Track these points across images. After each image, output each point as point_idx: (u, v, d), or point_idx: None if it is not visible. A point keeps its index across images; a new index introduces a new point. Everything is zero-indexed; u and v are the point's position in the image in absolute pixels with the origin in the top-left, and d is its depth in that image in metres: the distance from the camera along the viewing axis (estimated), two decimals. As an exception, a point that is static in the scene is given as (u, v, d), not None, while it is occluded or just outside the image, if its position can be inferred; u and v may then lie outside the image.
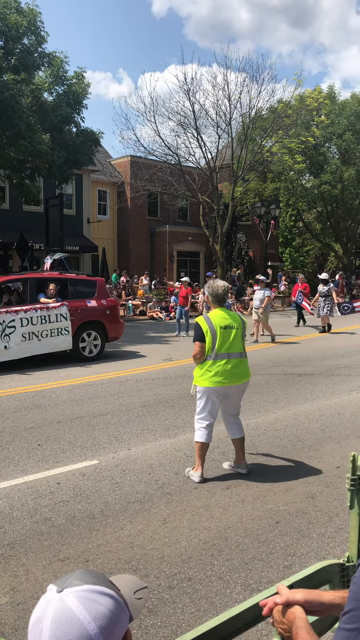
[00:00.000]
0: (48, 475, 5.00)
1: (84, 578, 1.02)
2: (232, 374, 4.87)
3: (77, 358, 11.27)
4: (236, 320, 5.01)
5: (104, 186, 31.59)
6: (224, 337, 4.87)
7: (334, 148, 32.67)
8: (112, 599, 1.01)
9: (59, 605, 0.96)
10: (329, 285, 16.64)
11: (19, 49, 17.50)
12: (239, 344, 4.96)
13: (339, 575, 2.07)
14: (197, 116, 25.09)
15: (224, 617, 1.65)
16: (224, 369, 4.84)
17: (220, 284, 5.07)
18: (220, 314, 4.99)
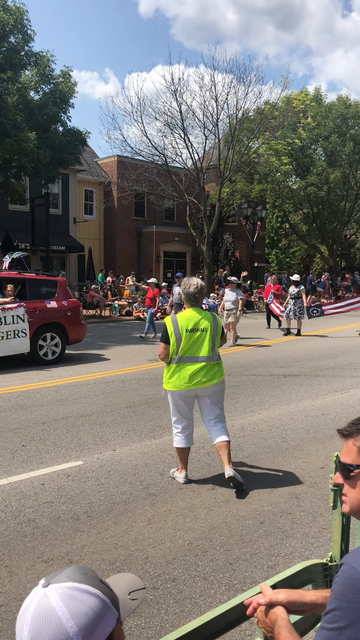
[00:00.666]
0: (32, 476, 4.97)
1: (72, 575, 1.02)
2: (197, 377, 4.70)
3: (36, 362, 10.81)
4: (207, 321, 4.76)
5: (90, 186, 31.49)
6: (190, 340, 4.69)
7: (320, 150, 32.91)
8: (96, 598, 1.00)
9: (40, 600, 0.97)
10: (300, 287, 16.27)
11: (5, 47, 17.39)
12: (206, 347, 4.72)
13: (322, 575, 2.08)
14: (184, 117, 25.11)
15: (208, 617, 1.66)
16: (188, 372, 4.69)
17: (193, 282, 4.83)
18: (189, 315, 4.77)
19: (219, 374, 4.82)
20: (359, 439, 1.40)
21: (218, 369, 4.83)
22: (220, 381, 4.85)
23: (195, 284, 4.81)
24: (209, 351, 4.74)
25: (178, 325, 4.72)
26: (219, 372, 4.83)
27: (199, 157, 26.52)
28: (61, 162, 19.12)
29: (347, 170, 31.91)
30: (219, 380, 4.83)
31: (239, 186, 30.22)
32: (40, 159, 17.50)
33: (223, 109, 25.58)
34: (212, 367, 4.77)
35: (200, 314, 4.81)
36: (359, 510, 1.41)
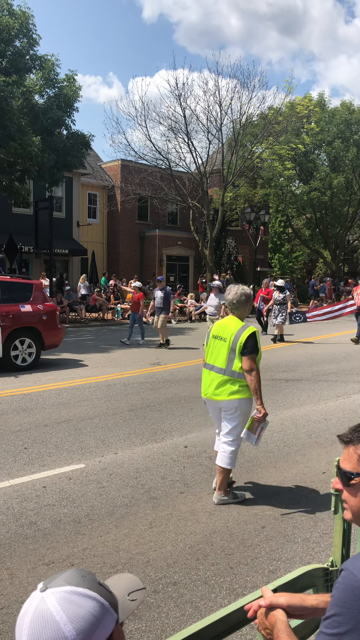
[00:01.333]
0: (34, 479, 4.97)
1: (69, 579, 1.02)
2: (209, 387, 4.53)
3: (8, 367, 10.43)
4: (231, 332, 4.44)
5: (94, 189, 31.56)
6: (212, 347, 4.57)
7: (324, 155, 32.93)
8: (94, 602, 1.00)
9: (38, 605, 0.98)
10: (285, 293, 15.84)
11: (11, 51, 17.47)
12: (222, 358, 4.46)
13: (323, 579, 2.08)
14: (187, 121, 25.20)
15: (208, 621, 1.66)
16: (205, 379, 4.61)
17: (233, 289, 4.57)
18: (223, 322, 4.61)
19: (229, 391, 4.41)
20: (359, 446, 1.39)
21: (231, 386, 4.41)
22: (229, 400, 4.41)
23: (235, 291, 4.55)
24: (224, 363, 4.44)
25: (212, 329, 4.68)
26: (231, 389, 4.40)
27: (202, 161, 26.62)
28: (65, 165, 19.18)
29: (351, 176, 31.91)
30: (227, 397, 4.41)
31: (242, 191, 30.26)
32: (44, 163, 17.56)
33: (227, 113, 25.70)
34: (224, 382, 4.44)
35: (231, 322, 4.53)
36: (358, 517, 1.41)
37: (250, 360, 4.32)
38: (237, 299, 4.52)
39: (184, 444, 6.00)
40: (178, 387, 9.03)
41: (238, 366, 4.37)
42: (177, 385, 9.14)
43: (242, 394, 4.40)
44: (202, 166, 26.47)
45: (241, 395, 4.39)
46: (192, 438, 6.25)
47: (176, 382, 9.46)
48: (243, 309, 4.56)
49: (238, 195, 29.83)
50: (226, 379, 4.43)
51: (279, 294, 15.71)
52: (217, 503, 4.42)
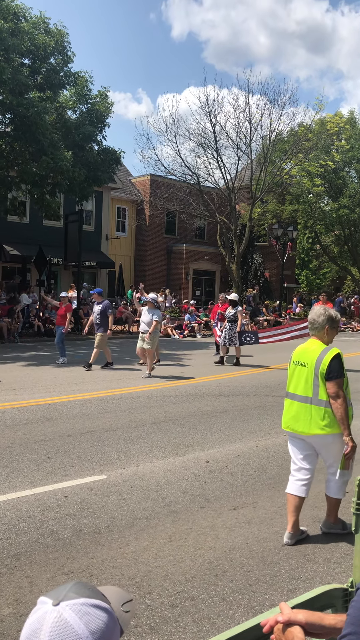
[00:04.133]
0: (56, 488, 5.02)
1: (80, 591, 1.01)
2: (295, 419, 4.08)
3: None
4: (312, 356, 4.03)
5: (123, 204, 31.93)
6: (293, 374, 4.16)
7: (354, 172, 32.75)
8: (107, 613, 1.00)
9: (56, 619, 0.95)
10: (237, 309, 13.93)
11: (46, 67, 17.93)
12: (304, 386, 4.03)
13: (342, 600, 2.06)
14: (217, 137, 25.39)
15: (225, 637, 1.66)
16: (286, 410, 4.20)
17: (315, 309, 4.20)
18: (305, 347, 4.18)
19: (318, 425, 3.96)
20: None
21: (319, 418, 3.96)
22: (321, 435, 3.97)
23: (316, 311, 4.17)
24: (306, 390, 4.02)
25: (293, 354, 4.27)
26: (320, 422, 3.95)
27: (231, 177, 26.74)
28: (95, 180, 19.48)
29: (381, 193, 31.66)
30: (319, 432, 3.96)
31: (270, 207, 30.27)
32: (75, 177, 17.86)
33: (256, 130, 25.81)
34: (310, 412, 4.00)
35: (313, 346, 4.12)
36: None
37: (336, 386, 3.91)
38: (314, 319, 4.15)
39: (206, 459, 5.98)
40: (201, 401, 9.02)
41: (325, 395, 3.96)
42: (200, 400, 9.13)
43: (334, 427, 3.95)
44: (231, 182, 26.58)
45: (335, 430, 3.95)
46: (214, 453, 6.23)
47: (199, 396, 9.45)
48: (323, 331, 4.13)
49: (266, 211, 29.85)
50: (314, 410, 3.99)
51: (231, 309, 13.95)
52: (325, 531, 4.19)
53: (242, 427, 7.43)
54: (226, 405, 8.79)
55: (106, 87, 19.78)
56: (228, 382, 10.96)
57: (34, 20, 17.62)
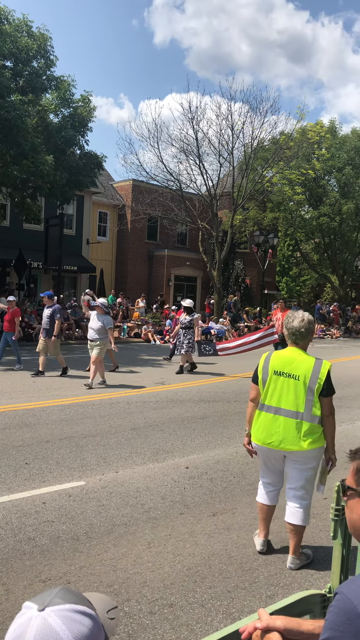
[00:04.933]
0: (34, 495, 4.96)
1: (66, 597, 1.00)
2: (275, 434, 3.80)
3: None
4: (304, 368, 3.78)
5: (104, 208, 31.88)
6: (277, 386, 3.84)
7: (334, 181, 33.14)
8: (92, 620, 1.00)
9: (41, 624, 0.94)
10: (193, 316, 13.24)
11: (28, 71, 17.86)
12: (294, 399, 3.76)
13: (320, 605, 2.07)
14: (199, 144, 25.50)
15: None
16: (267, 424, 3.86)
17: (298, 316, 3.92)
18: (285, 355, 3.89)
19: (308, 441, 3.74)
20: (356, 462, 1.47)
21: (309, 434, 3.75)
22: (308, 450, 3.76)
23: (300, 317, 3.90)
24: (297, 405, 3.76)
25: (269, 364, 3.91)
26: (310, 437, 3.75)
27: (213, 184, 26.85)
28: (77, 184, 19.43)
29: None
30: (307, 448, 3.74)
31: (252, 214, 30.47)
32: (56, 181, 17.79)
33: (238, 137, 25.99)
34: (301, 429, 3.75)
35: (300, 356, 3.84)
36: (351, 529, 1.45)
37: (331, 403, 3.80)
38: (306, 327, 3.88)
39: (186, 465, 5.97)
40: (181, 407, 9.01)
41: (318, 411, 3.76)
42: (180, 406, 9.12)
43: (321, 442, 3.80)
44: (213, 188, 26.70)
45: (320, 443, 3.79)
46: (194, 459, 6.22)
47: (180, 402, 9.44)
48: (309, 339, 3.94)
49: (247, 218, 30.03)
50: (305, 426, 3.75)
51: (186, 316, 13.25)
52: (294, 569, 3.80)
53: (222, 433, 7.43)
54: (206, 411, 8.80)
55: (89, 91, 19.76)
56: (208, 388, 10.97)
57: (17, 23, 17.55)
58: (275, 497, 4.07)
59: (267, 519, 4.04)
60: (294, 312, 3.99)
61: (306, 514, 3.89)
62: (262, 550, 3.97)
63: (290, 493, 3.91)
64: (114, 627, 1.12)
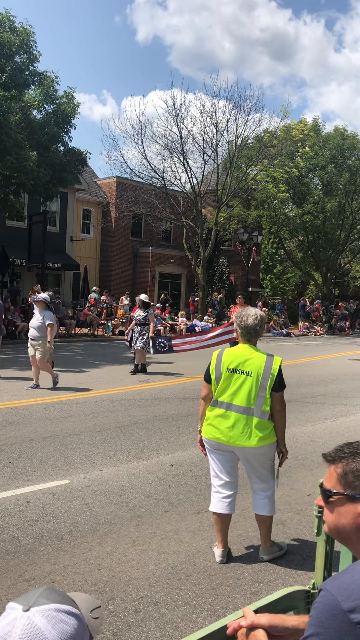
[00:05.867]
0: (18, 494, 4.93)
1: (50, 597, 1.01)
2: (227, 429, 3.80)
3: None
4: (256, 364, 3.80)
5: (89, 205, 31.73)
6: (229, 382, 3.84)
7: (317, 179, 33.35)
8: (77, 619, 1.00)
9: (26, 625, 0.94)
10: (148, 312, 12.55)
11: (11, 66, 17.68)
12: (246, 395, 3.78)
13: (304, 601, 2.08)
14: (184, 141, 25.49)
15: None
16: (219, 419, 3.85)
17: (251, 313, 3.92)
18: (238, 352, 3.90)
19: (259, 437, 3.75)
20: (340, 465, 1.42)
21: (260, 430, 3.76)
22: (259, 446, 3.77)
23: (254, 315, 3.91)
24: (249, 401, 3.77)
25: (221, 361, 3.91)
26: (261, 433, 3.76)
27: (197, 181, 26.86)
28: (61, 181, 19.30)
29: (343, 200, 32.32)
30: (258, 444, 3.76)
31: (236, 211, 30.54)
32: (40, 178, 17.66)
33: (222, 135, 26.01)
34: (252, 425, 3.77)
35: (252, 353, 3.87)
36: (334, 533, 1.43)
37: (283, 398, 3.84)
38: (260, 325, 3.92)
39: (170, 463, 5.98)
40: (166, 404, 9.01)
41: (268, 407, 3.78)
42: (165, 403, 9.12)
43: (272, 438, 3.83)
44: (197, 186, 26.71)
45: (271, 440, 3.83)
46: (179, 457, 6.23)
47: (164, 399, 9.44)
48: (260, 335, 3.99)
49: (232, 215, 30.10)
50: (255, 421, 3.77)
51: (141, 312, 12.58)
52: (267, 559, 3.86)
53: (206, 431, 7.44)
54: (191, 408, 8.80)
55: (72, 87, 19.67)
56: (193, 386, 10.98)
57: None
58: (230, 506, 3.91)
59: (223, 530, 3.89)
60: (245, 310, 3.98)
61: (271, 504, 3.92)
62: (221, 561, 3.81)
63: (253, 486, 3.99)
64: (98, 626, 1.12)
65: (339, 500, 1.40)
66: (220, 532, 3.89)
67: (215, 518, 3.93)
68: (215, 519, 3.93)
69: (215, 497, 3.96)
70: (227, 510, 3.90)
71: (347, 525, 1.39)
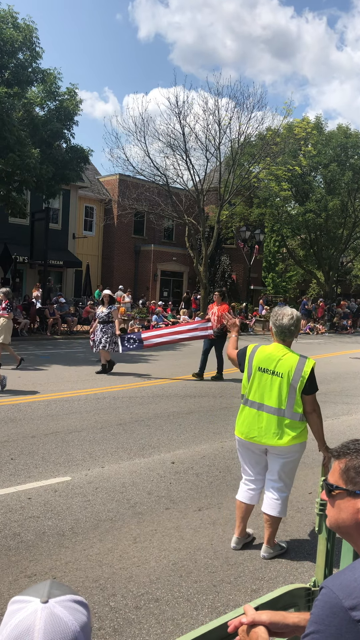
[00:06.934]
0: (19, 490, 4.94)
1: (61, 588, 1.04)
2: (262, 430, 3.83)
3: None
4: (287, 366, 3.78)
5: (91, 203, 31.72)
6: (260, 382, 3.86)
7: (320, 178, 33.32)
8: (86, 608, 1.05)
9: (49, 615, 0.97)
10: (111, 308, 11.72)
11: (14, 63, 17.65)
12: (275, 396, 3.79)
13: (305, 599, 2.09)
14: (186, 139, 25.45)
15: (189, 638, 1.66)
16: (250, 419, 3.89)
17: (287, 312, 3.86)
18: (270, 351, 3.87)
19: (290, 437, 3.78)
20: (343, 461, 1.45)
21: (292, 430, 3.79)
22: (289, 445, 3.79)
23: (290, 314, 3.85)
24: (280, 402, 3.79)
25: (254, 359, 3.92)
26: (292, 433, 3.78)
27: (199, 179, 26.83)
28: (63, 178, 19.29)
29: (346, 199, 32.29)
30: (289, 443, 3.78)
31: (238, 209, 30.52)
32: (42, 175, 17.65)
33: (225, 133, 25.98)
34: (283, 425, 3.79)
35: (285, 354, 3.84)
36: (335, 528, 1.45)
37: (314, 399, 3.81)
38: (295, 325, 3.86)
39: (172, 460, 5.99)
40: (167, 402, 9.02)
41: (300, 408, 3.79)
42: (166, 401, 9.13)
43: (303, 437, 3.85)
44: (200, 184, 26.68)
45: (302, 439, 3.85)
46: (180, 454, 6.23)
47: (166, 397, 9.45)
48: (295, 335, 3.94)
49: (234, 213, 30.08)
50: (286, 422, 3.79)
51: (104, 308, 11.71)
52: (267, 558, 3.89)
53: (208, 428, 7.46)
54: (192, 406, 8.81)
55: (75, 84, 19.61)
56: (194, 383, 10.99)
57: (2, 15, 17.34)
58: (255, 498, 4.02)
59: (244, 518, 4.00)
60: (282, 309, 3.94)
61: (283, 506, 3.93)
62: (235, 547, 3.97)
63: (269, 484, 3.97)
64: None
65: (339, 495, 1.43)
66: (238, 519, 4.02)
67: (238, 505, 4.05)
68: (238, 506, 4.06)
69: (242, 487, 4.09)
70: (250, 501, 4.01)
71: (346, 520, 1.41)
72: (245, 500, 4.01)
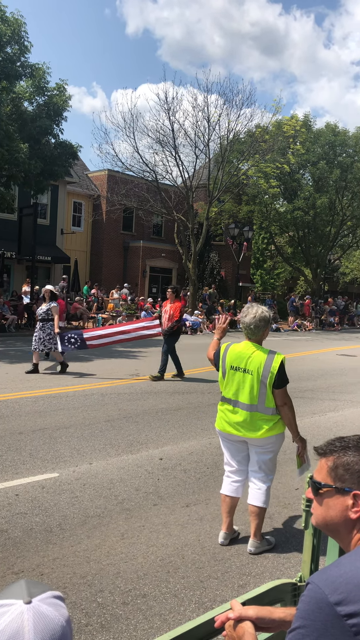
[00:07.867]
0: (7, 487, 4.93)
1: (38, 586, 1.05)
2: (235, 423, 3.96)
3: None
4: (256, 363, 3.86)
5: (79, 198, 31.58)
6: (233, 380, 3.96)
7: (308, 175, 33.42)
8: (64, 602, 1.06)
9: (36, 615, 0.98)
10: (50, 305, 11.00)
11: (1, 57, 17.51)
12: (249, 393, 3.88)
13: (291, 594, 2.11)
14: (175, 135, 25.41)
15: (176, 633, 1.67)
16: (228, 415, 4.02)
17: (252, 310, 3.93)
18: (240, 350, 3.95)
19: (264, 429, 3.88)
20: (331, 458, 1.46)
21: (265, 424, 3.89)
22: (265, 437, 3.90)
23: (254, 313, 3.89)
24: (252, 399, 3.88)
25: (226, 358, 4.00)
26: (266, 426, 3.89)
27: (189, 175, 26.81)
28: (51, 174, 19.19)
29: (334, 197, 32.43)
30: (264, 435, 3.88)
31: (227, 206, 30.54)
32: (30, 170, 17.55)
33: (215, 129, 25.97)
34: (257, 419, 3.90)
35: (253, 351, 3.91)
36: (322, 526, 1.46)
37: (284, 393, 3.89)
38: (256, 324, 3.89)
39: (160, 456, 6.00)
40: (156, 398, 9.03)
41: (272, 402, 3.88)
42: (154, 397, 9.14)
43: (278, 429, 3.93)
44: (189, 180, 26.66)
45: (277, 431, 3.93)
46: (168, 450, 6.25)
47: (154, 393, 9.46)
48: (261, 334, 3.96)
49: (223, 210, 30.10)
50: (260, 417, 3.90)
51: (43, 305, 11.13)
52: (254, 552, 3.90)
53: (196, 425, 7.48)
54: (180, 402, 8.83)
55: (64, 79, 19.52)
56: (183, 380, 11.00)
57: (-10, 8, 17.20)
58: (239, 490, 4.07)
59: (229, 512, 4.04)
60: (250, 307, 3.97)
61: (266, 497, 4.00)
62: (223, 543, 4.00)
63: (251, 475, 4.06)
64: None
65: (328, 493, 1.44)
66: (224, 514, 4.06)
67: (223, 500, 4.09)
68: (223, 500, 4.09)
69: (225, 480, 4.14)
70: (235, 494, 4.06)
71: (335, 518, 1.42)
72: (229, 493, 4.06)
